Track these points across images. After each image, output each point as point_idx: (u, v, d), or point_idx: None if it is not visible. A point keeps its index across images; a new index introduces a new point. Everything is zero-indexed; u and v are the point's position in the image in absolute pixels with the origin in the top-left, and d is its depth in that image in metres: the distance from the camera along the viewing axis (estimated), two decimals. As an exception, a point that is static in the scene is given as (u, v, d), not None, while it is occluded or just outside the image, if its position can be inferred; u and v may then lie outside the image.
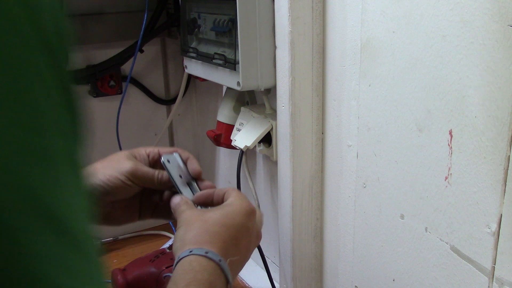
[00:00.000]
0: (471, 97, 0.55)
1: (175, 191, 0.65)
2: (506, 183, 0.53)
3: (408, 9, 0.61)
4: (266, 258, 0.93)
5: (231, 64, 0.84)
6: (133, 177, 0.62)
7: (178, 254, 0.51)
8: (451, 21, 0.56)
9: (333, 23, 0.76)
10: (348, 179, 0.79)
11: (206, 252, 0.50)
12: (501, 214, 0.54)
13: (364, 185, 0.76)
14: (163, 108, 1.34)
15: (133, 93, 1.28)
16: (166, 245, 1.22)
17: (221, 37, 0.89)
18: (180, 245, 0.52)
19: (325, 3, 0.76)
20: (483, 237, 0.57)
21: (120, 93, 1.22)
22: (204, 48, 0.95)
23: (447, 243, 0.62)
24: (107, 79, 1.21)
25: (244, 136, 0.93)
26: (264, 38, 0.81)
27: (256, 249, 0.91)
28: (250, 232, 0.57)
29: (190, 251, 0.50)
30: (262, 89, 0.86)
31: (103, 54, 1.19)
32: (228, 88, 1.02)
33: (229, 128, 1.01)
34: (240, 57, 0.81)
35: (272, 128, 0.91)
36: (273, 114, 0.90)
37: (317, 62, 0.79)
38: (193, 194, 0.64)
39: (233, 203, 0.58)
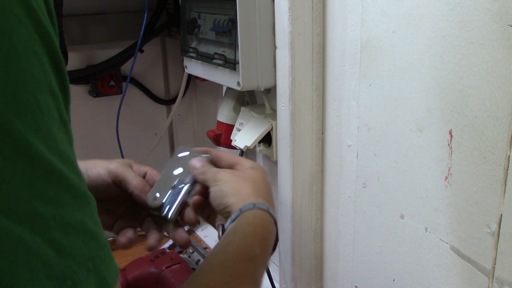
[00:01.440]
0: (471, 97, 0.55)
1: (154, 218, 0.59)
2: (506, 183, 0.53)
3: (408, 9, 0.61)
4: None
5: (231, 64, 0.84)
6: (114, 177, 0.61)
7: (236, 206, 0.53)
8: (451, 21, 0.56)
9: (333, 23, 0.76)
10: (348, 179, 0.79)
11: (268, 208, 0.53)
12: (501, 214, 0.54)
13: (364, 185, 0.76)
14: (163, 108, 1.34)
15: (133, 93, 1.28)
16: (166, 245, 1.22)
17: (221, 37, 0.89)
18: (238, 199, 0.54)
19: (325, 3, 0.76)
20: (483, 237, 0.57)
21: (120, 93, 1.22)
22: (204, 48, 0.95)
23: (447, 243, 0.62)
24: (107, 79, 1.21)
25: (244, 136, 0.93)
26: (264, 38, 0.81)
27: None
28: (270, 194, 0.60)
29: (254, 205, 0.53)
30: (262, 89, 0.86)
31: (103, 54, 1.19)
32: (228, 88, 1.02)
33: (229, 128, 1.01)
34: (240, 57, 0.81)
35: (272, 128, 0.91)
36: (273, 114, 0.90)
37: (317, 62, 0.79)
38: (169, 195, 0.58)
39: (254, 163, 0.60)
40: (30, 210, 0.25)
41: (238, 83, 0.83)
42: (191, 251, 1.12)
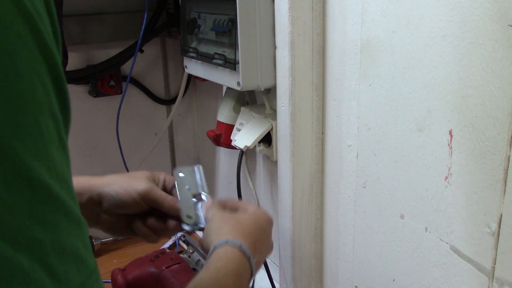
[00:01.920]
0: (471, 97, 0.55)
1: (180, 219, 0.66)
2: (506, 183, 0.53)
3: (408, 9, 0.61)
4: (266, 258, 0.93)
5: (231, 64, 0.84)
6: (146, 197, 0.65)
7: (213, 243, 0.56)
8: (451, 21, 0.56)
9: (333, 23, 0.76)
10: (348, 179, 0.79)
11: (240, 245, 0.55)
12: (501, 214, 0.54)
13: (364, 185, 0.76)
14: (163, 108, 1.34)
15: (133, 93, 1.28)
16: (166, 245, 1.22)
17: (221, 37, 0.89)
18: (215, 237, 0.57)
19: (325, 3, 0.76)
20: (483, 237, 0.57)
21: (120, 93, 1.22)
22: (204, 48, 0.95)
23: (447, 243, 0.62)
24: (107, 79, 1.21)
25: (244, 136, 0.93)
26: (264, 38, 0.81)
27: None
28: (269, 238, 0.63)
29: (226, 242, 0.55)
30: (262, 89, 0.86)
31: (103, 54, 1.19)
32: (228, 88, 1.02)
33: (229, 128, 1.01)
34: (240, 57, 0.81)
35: (272, 128, 0.91)
36: (273, 114, 0.90)
37: (317, 62, 0.79)
38: (195, 209, 0.66)
39: (258, 211, 0.64)
40: (29, 236, 0.25)
41: (238, 83, 0.83)
42: (191, 251, 1.12)
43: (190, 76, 1.25)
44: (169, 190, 0.69)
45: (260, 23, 0.81)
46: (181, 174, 0.68)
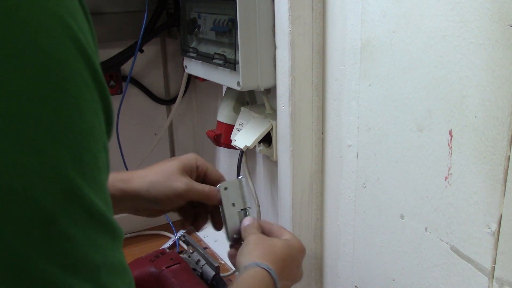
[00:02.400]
0: (471, 97, 0.55)
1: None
2: (506, 183, 0.53)
3: (408, 9, 0.61)
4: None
5: (231, 64, 0.84)
6: (185, 196, 0.66)
7: (244, 264, 0.60)
8: (451, 21, 0.56)
9: (333, 23, 0.76)
10: (348, 179, 0.79)
11: (269, 269, 0.58)
12: (501, 214, 0.54)
13: (364, 185, 0.76)
14: (163, 108, 1.34)
15: (133, 93, 1.28)
16: (166, 245, 1.22)
17: (221, 37, 0.89)
18: (248, 258, 0.60)
19: (325, 3, 0.76)
20: (483, 237, 0.57)
21: (120, 93, 1.22)
22: (204, 48, 0.95)
23: (447, 243, 0.62)
24: (107, 79, 1.21)
25: (244, 136, 0.93)
26: (264, 38, 0.81)
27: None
28: (299, 268, 0.66)
29: (257, 264, 0.59)
30: (262, 89, 0.86)
31: (103, 54, 1.19)
32: (228, 88, 1.02)
33: (229, 128, 1.01)
34: (240, 57, 0.81)
35: (272, 128, 0.91)
36: (273, 114, 0.90)
37: (317, 62, 0.79)
38: (239, 224, 0.68)
39: (293, 239, 0.66)
40: (87, 262, 0.27)
41: (238, 83, 0.83)
42: (191, 251, 1.12)
43: (190, 76, 1.25)
44: (202, 176, 0.70)
45: (260, 23, 0.81)
46: (226, 189, 0.68)
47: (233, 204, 0.69)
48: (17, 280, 0.24)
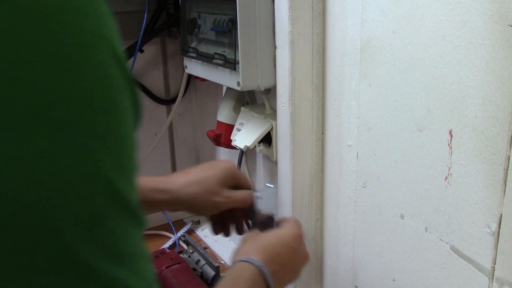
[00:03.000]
0: (471, 97, 0.55)
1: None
2: (506, 183, 0.53)
3: (408, 9, 0.61)
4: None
5: (231, 64, 0.84)
6: (224, 207, 0.73)
7: (231, 264, 0.64)
8: (451, 21, 0.56)
9: (333, 23, 0.76)
10: (348, 179, 0.79)
11: (250, 260, 0.61)
12: (501, 214, 0.54)
13: (364, 185, 0.76)
14: (163, 108, 1.34)
15: (133, 93, 1.28)
16: (166, 245, 1.22)
17: (221, 37, 0.89)
18: (234, 257, 0.64)
19: (325, 3, 0.76)
20: (483, 237, 0.57)
21: (120, 93, 1.22)
22: (204, 48, 0.95)
23: (447, 243, 0.62)
24: (107, 79, 1.20)
25: (244, 136, 0.93)
26: (264, 38, 0.81)
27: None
28: (295, 252, 0.68)
29: (238, 260, 0.62)
30: (262, 89, 0.86)
31: (103, 54, 1.19)
32: (228, 88, 1.02)
33: (229, 128, 1.01)
34: (240, 57, 0.81)
35: (272, 128, 0.91)
36: (273, 114, 0.90)
37: (317, 62, 0.79)
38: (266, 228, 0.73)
39: (285, 227, 0.69)
40: (127, 253, 0.30)
41: (238, 83, 0.83)
42: (191, 251, 1.12)
43: (190, 76, 1.25)
44: (236, 183, 0.75)
45: (260, 23, 0.81)
46: (259, 198, 0.74)
47: (263, 211, 0.74)
48: (70, 271, 0.27)
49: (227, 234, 0.79)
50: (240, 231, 0.79)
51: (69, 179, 0.26)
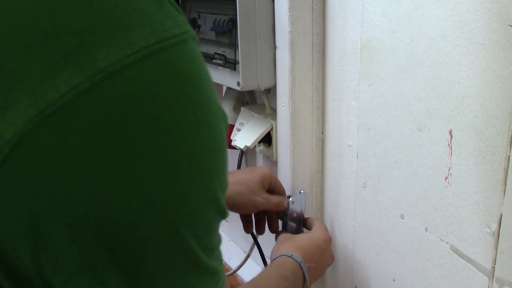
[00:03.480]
0: (471, 97, 0.55)
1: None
2: (506, 183, 0.53)
3: (408, 9, 0.61)
4: (266, 258, 0.93)
5: (231, 64, 0.84)
6: (262, 207, 0.80)
7: (271, 258, 0.73)
8: (451, 21, 0.56)
9: (333, 23, 0.76)
10: (348, 179, 0.79)
11: (292, 255, 0.71)
12: (501, 214, 0.54)
13: (364, 185, 0.76)
14: (163, 108, 1.34)
15: (133, 93, 1.28)
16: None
17: (221, 37, 0.89)
18: (274, 254, 0.74)
19: (325, 3, 0.76)
20: (483, 237, 0.57)
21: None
22: (204, 48, 0.95)
23: (447, 243, 0.62)
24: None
25: (244, 136, 0.93)
26: (264, 38, 0.81)
27: (256, 249, 0.92)
28: (325, 253, 0.76)
29: (281, 255, 0.72)
30: (262, 89, 0.86)
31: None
32: (228, 88, 1.02)
33: (229, 128, 1.01)
34: (240, 57, 0.81)
35: (272, 128, 0.91)
36: (273, 114, 0.90)
37: (317, 62, 0.79)
38: (296, 228, 0.82)
39: (316, 231, 0.79)
40: (214, 247, 0.38)
41: (238, 83, 0.83)
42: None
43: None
44: (271, 187, 0.82)
45: (260, 23, 0.81)
46: (292, 202, 0.81)
47: (294, 214, 0.81)
48: (194, 269, 0.35)
49: (261, 232, 0.86)
50: (273, 230, 0.85)
51: (199, 204, 0.34)
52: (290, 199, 0.80)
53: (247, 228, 0.86)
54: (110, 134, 0.29)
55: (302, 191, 0.82)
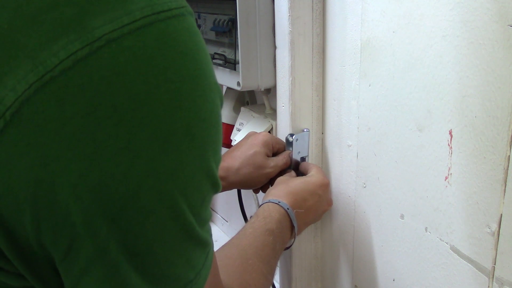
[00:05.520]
0: (471, 97, 0.55)
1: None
2: (506, 183, 0.53)
3: (408, 9, 0.61)
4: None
5: (231, 64, 0.84)
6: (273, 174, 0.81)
7: (262, 201, 0.74)
8: (451, 21, 0.56)
9: (333, 23, 0.76)
10: (348, 179, 0.79)
11: (279, 202, 0.71)
12: (501, 214, 0.54)
13: (364, 185, 0.76)
14: (163, 108, 1.34)
15: (133, 93, 1.28)
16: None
17: (221, 37, 0.89)
18: (265, 197, 0.74)
19: (325, 3, 0.76)
20: (483, 237, 0.57)
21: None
22: (204, 48, 0.95)
23: (447, 243, 0.62)
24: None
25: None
26: (264, 38, 0.81)
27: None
28: (320, 198, 0.76)
29: (269, 200, 0.72)
30: (262, 89, 0.86)
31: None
32: (228, 88, 1.02)
33: (229, 128, 1.01)
34: (240, 57, 0.81)
35: (272, 128, 0.91)
36: (273, 114, 0.90)
37: (317, 62, 0.79)
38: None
39: (313, 175, 0.78)
40: (208, 218, 0.40)
41: (238, 83, 0.83)
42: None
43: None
44: (280, 148, 0.83)
45: (260, 23, 0.81)
46: (295, 140, 0.81)
47: (299, 153, 0.82)
48: (190, 239, 0.37)
49: (264, 189, 0.85)
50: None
51: (195, 174, 0.35)
52: (294, 136, 0.80)
53: (264, 189, 0.86)
54: (108, 101, 0.29)
55: (305, 130, 0.82)
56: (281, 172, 0.82)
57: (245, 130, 0.94)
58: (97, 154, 0.29)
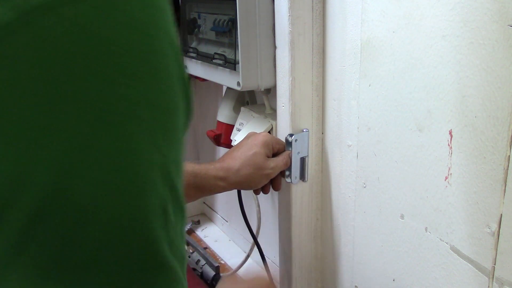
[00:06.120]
0: (471, 97, 0.55)
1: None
2: (506, 183, 0.53)
3: (408, 9, 0.61)
4: (266, 258, 0.93)
5: (231, 64, 0.84)
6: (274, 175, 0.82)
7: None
8: (451, 21, 0.56)
9: (333, 23, 0.76)
10: (348, 179, 0.79)
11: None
12: (501, 214, 0.54)
13: (364, 185, 0.76)
14: (163, 108, 1.34)
15: (133, 93, 1.28)
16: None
17: (221, 37, 0.89)
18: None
19: (325, 3, 0.76)
20: (483, 237, 0.57)
21: (120, 93, 1.22)
22: (204, 48, 0.95)
23: (447, 243, 0.62)
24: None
25: (244, 136, 0.93)
26: (264, 38, 0.81)
27: (256, 249, 0.91)
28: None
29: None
30: (262, 89, 0.86)
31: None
32: (228, 88, 1.02)
33: (229, 128, 1.01)
34: (240, 57, 0.81)
35: (272, 128, 0.91)
36: (273, 114, 0.90)
37: (317, 62, 0.79)
38: (300, 167, 0.83)
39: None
40: (179, 243, 0.35)
41: (238, 83, 0.83)
42: (191, 251, 1.12)
43: (190, 76, 1.24)
44: (280, 149, 0.83)
45: (260, 23, 0.81)
46: (294, 140, 0.81)
47: (298, 153, 0.82)
48: (150, 262, 0.31)
49: (266, 191, 0.86)
50: (276, 188, 0.86)
51: (148, 169, 0.30)
52: (293, 137, 0.81)
53: (265, 190, 0.87)
54: (37, 74, 0.27)
55: (305, 130, 0.82)
56: (281, 172, 0.82)
57: (245, 130, 0.94)
58: (19, 134, 0.27)
